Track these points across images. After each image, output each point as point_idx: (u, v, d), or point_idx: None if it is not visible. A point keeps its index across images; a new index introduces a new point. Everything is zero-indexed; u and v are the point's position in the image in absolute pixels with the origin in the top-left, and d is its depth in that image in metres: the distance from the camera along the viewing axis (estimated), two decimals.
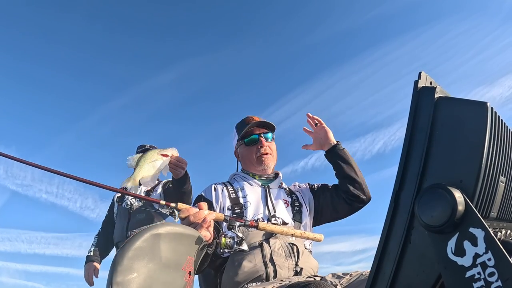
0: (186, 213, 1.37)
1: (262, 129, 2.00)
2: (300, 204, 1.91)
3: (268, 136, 2.00)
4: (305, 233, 1.61)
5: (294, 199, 1.93)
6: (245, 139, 2.00)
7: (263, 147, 1.94)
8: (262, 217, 1.77)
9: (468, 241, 0.64)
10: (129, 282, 0.99)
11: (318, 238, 1.65)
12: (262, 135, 1.97)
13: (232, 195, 1.85)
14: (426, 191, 0.71)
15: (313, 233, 1.64)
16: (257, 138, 1.96)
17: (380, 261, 0.77)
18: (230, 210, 1.79)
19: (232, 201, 1.82)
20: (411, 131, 0.80)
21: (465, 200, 0.67)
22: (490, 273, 0.60)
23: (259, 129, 2.00)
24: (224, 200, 1.83)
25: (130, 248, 1.03)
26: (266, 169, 1.95)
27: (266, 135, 1.99)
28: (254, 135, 1.97)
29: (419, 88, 0.81)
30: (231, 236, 1.41)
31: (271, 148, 1.99)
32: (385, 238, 0.78)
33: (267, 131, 2.01)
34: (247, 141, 1.99)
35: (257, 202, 1.82)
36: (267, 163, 1.94)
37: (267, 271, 1.57)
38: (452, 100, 0.79)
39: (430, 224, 0.68)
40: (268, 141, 1.99)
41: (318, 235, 1.65)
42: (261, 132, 1.99)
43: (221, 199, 1.83)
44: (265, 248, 1.61)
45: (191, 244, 1.21)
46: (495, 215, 0.77)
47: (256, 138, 1.97)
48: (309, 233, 1.62)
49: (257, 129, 1.99)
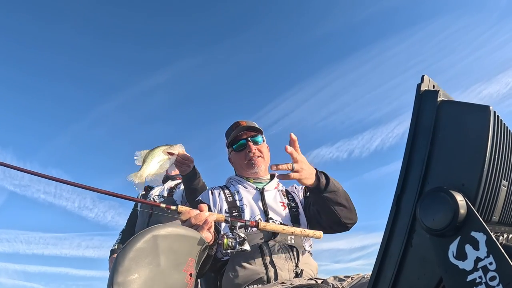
0: (187, 216, 1.37)
1: (251, 133, 2.00)
2: (297, 205, 1.92)
3: (257, 140, 2.00)
4: (305, 231, 1.62)
5: (290, 199, 1.94)
6: (233, 145, 2.01)
7: (251, 151, 1.94)
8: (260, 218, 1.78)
9: (470, 245, 0.64)
10: (130, 283, 0.99)
11: (318, 235, 1.66)
12: (250, 139, 1.97)
13: (229, 198, 1.87)
14: (428, 195, 0.71)
15: (313, 231, 1.65)
16: (244, 143, 1.97)
17: (381, 264, 0.77)
18: (228, 213, 1.80)
19: (230, 204, 1.83)
20: (413, 134, 0.80)
21: (467, 204, 0.66)
22: (491, 277, 0.60)
23: (247, 133, 2.00)
24: (222, 203, 1.84)
25: (131, 249, 1.04)
26: (257, 171, 1.96)
27: (255, 138, 1.99)
28: (242, 140, 1.98)
29: (421, 91, 0.81)
30: (232, 236, 1.41)
31: (261, 150, 1.99)
32: (387, 241, 0.78)
33: (256, 134, 2.01)
34: (235, 147, 2.01)
35: (253, 205, 1.83)
36: (258, 165, 1.95)
37: (268, 273, 1.57)
38: (455, 104, 0.79)
39: (431, 228, 0.68)
40: (258, 144, 1.99)
41: (317, 232, 1.67)
42: (249, 136, 1.99)
43: (219, 202, 1.85)
44: (264, 250, 1.61)
45: (192, 245, 1.21)
46: (497, 219, 0.76)
47: (244, 143, 1.98)
48: (308, 231, 1.64)
49: (245, 133, 2.00)
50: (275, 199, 1.90)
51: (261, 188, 1.92)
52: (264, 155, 2.00)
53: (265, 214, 1.78)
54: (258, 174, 1.97)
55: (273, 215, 1.80)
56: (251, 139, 1.98)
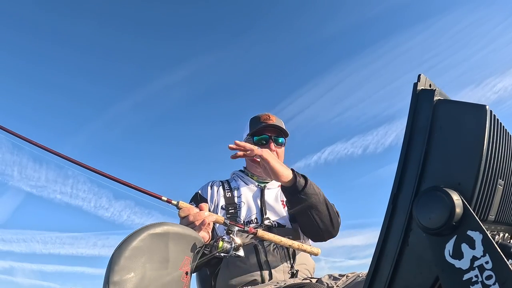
0: (186, 212, 1.36)
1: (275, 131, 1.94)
2: None
3: (279, 141, 1.93)
4: (303, 246, 1.58)
5: None
6: (255, 136, 1.93)
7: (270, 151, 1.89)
8: (256, 217, 1.76)
9: (466, 244, 0.64)
10: (125, 282, 0.99)
11: (315, 252, 1.61)
12: (273, 137, 1.91)
13: (228, 194, 1.84)
14: (424, 194, 0.71)
15: (311, 246, 1.62)
16: (267, 139, 1.91)
17: (377, 263, 0.77)
18: (224, 209, 1.77)
19: (227, 201, 1.81)
20: (409, 133, 0.80)
21: (463, 203, 0.67)
22: (487, 276, 0.60)
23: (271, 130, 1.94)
24: (219, 199, 1.82)
25: (127, 247, 1.03)
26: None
27: (278, 139, 1.93)
28: (265, 135, 1.91)
29: (418, 90, 0.81)
30: (228, 240, 1.39)
31: (278, 153, 1.93)
32: (383, 240, 0.78)
33: (279, 135, 1.95)
34: (256, 140, 1.92)
35: (251, 203, 1.80)
36: None
37: (262, 274, 1.55)
38: (451, 103, 0.79)
39: (428, 227, 0.68)
40: (278, 145, 1.93)
41: (315, 249, 1.62)
42: (273, 134, 1.92)
43: (216, 197, 1.82)
44: (259, 250, 1.60)
45: (188, 244, 1.21)
46: (493, 218, 0.77)
47: (267, 139, 1.91)
48: (306, 246, 1.59)
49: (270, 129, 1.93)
50: (276, 197, 1.87)
51: (262, 186, 1.90)
52: (279, 158, 1.93)
53: (262, 214, 1.77)
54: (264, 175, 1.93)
55: (270, 215, 1.78)
56: (274, 137, 1.92)
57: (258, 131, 1.92)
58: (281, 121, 2.00)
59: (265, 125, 1.91)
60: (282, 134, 1.96)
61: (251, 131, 1.96)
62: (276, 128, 1.93)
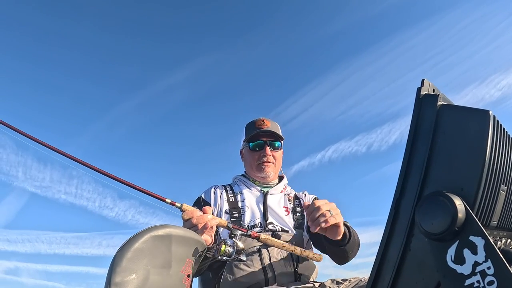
0: (190, 215, 1.36)
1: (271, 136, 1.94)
2: (302, 210, 1.87)
3: (275, 145, 1.94)
4: (305, 252, 1.57)
5: (296, 205, 1.90)
6: (250, 142, 1.94)
7: (266, 156, 1.89)
8: (260, 222, 1.76)
9: (468, 249, 0.64)
10: (127, 283, 0.99)
11: (318, 258, 1.61)
12: (268, 142, 1.91)
13: (231, 198, 1.84)
14: (427, 199, 0.71)
15: (313, 253, 1.62)
16: (262, 145, 1.91)
17: (379, 268, 0.77)
18: (228, 214, 1.77)
19: (231, 205, 1.80)
20: (413, 138, 0.80)
21: (466, 208, 0.66)
22: (489, 281, 0.60)
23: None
24: (222, 203, 1.82)
25: (129, 249, 1.03)
26: (265, 177, 1.91)
27: (274, 143, 1.93)
28: (260, 140, 1.92)
29: (421, 95, 0.81)
30: (231, 244, 1.39)
31: (275, 157, 1.93)
32: (385, 245, 0.77)
33: (275, 139, 1.95)
34: (252, 146, 1.93)
35: (254, 208, 1.80)
36: (267, 171, 1.90)
37: (266, 278, 1.55)
38: (454, 108, 0.79)
39: (430, 232, 0.68)
40: (274, 149, 1.93)
41: (317, 255, 1.61)
42: (268, 139, 1.92)
43: (219, 202, 1.82)
44: (263, 254, 1.60)
45: (191, 247, 1.21)
46: (495, 223, 0.76)
47: (262, 144, 1.91)
48: (309, 252, 1.59)
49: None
50: (279, 203, 1.87)
51: (265, 191, 1.89)
52: (276, 162, 1.94)
53: (265, 218, 1.77)
54: (266, 179, 1.93)
55: (273, 220, 1.78)
56: (269, 142, 1.92)
57: (253, 137, 1.93)
58: (276, 125, 2.01)
59: (259, 132, 1.92)
60: (278, 138, 1.96)
61: (247, 137, 1.97)
62: (272, 135, 1.93)
